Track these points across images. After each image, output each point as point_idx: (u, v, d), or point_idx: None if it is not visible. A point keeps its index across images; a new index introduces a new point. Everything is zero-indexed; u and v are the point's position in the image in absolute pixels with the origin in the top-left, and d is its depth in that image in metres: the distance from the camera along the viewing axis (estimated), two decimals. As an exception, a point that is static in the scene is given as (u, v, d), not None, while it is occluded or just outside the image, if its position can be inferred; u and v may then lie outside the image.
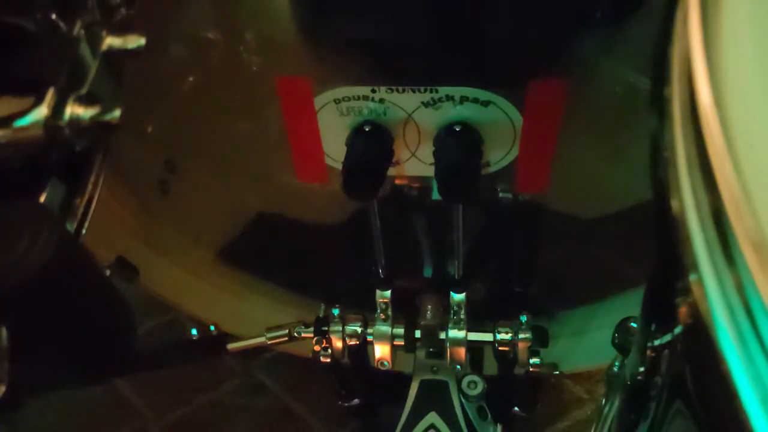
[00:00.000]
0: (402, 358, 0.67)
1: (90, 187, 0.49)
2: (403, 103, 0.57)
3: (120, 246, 0.72)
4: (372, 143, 0.57)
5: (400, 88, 0.56)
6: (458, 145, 0.57)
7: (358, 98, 0.57)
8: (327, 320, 0.66)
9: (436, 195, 0.64)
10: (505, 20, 0.55)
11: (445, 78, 0.56)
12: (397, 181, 0.64)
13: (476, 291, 0.68)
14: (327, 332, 0.65)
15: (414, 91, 0.56)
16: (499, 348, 0.64)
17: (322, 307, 0.66)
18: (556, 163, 0.61)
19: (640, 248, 0.36)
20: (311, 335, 0.66)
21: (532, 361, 0.63)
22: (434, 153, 0.58)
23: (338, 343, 0.65)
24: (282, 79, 0.58)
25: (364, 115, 0.58)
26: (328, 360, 0.66)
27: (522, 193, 0.64)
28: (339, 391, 0.72)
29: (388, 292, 0.65)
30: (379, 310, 0.65)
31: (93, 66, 0.46)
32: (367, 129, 0.57)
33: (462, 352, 0.64)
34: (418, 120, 0.58)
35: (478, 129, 0.57)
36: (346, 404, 0.72)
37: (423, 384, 0.64)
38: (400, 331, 0.65)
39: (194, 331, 0.71)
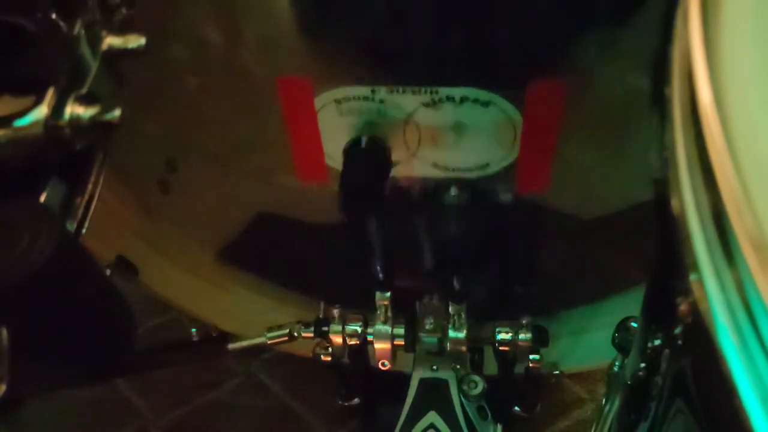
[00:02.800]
0: (402, 357, 0.67)
1: (90, 186, 0.49)
2: (404, 103, 0.57)
3: (120, 246, 0.72)
4: (369, 159, 0.58)
5: (401, 89, 0.56)
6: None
7: (359, 99, 0.57)
8: (327, 320, 0.66)
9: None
10: (505, 21, 0.55)
11: (445, 79, 0.56)
12: (396, 182, 0.64)
13: (477, 291, 0.68)
14: (327, 332, 0.65)
15: (414, 92, 0.56)
16: (499, 348, 0.64)
17: (322, 306, 0.66)
18: (556, 163, 0.61)
19: (640, 248, 0.36)
20: (311, 335, 0.66)
21: (532, 357, 0.63)
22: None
23: (338, 343, 0.65)
24: (282, 79, 0.58)
25: (365, 115, 0.58)
26: (329, 359, 0.66)
27: (522, 193, 0.64)
28: (339, 390, 0.72)
29: (388, 294, 0.64)
30: (378, 312, 0.65)
31: (93, 66, 0.46)
32: (363, 144, 0.57)
33: (462, 351, 0.64)
34: (419, 120, 0.58)
35: (477, 137, 0.58)
36: (346, 404, 0.72)
37: (423, 383, 0.64)
38: (401, 330, 0.65)
39: (194, 330, 0.71)
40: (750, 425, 0.20)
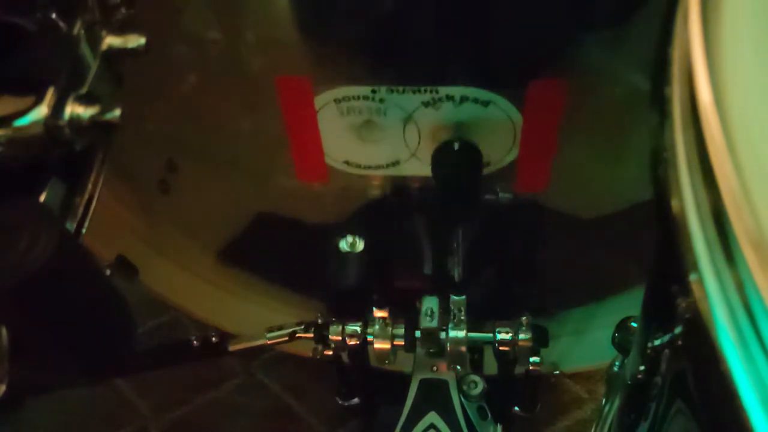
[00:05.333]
0: (402, 357, 0.67)
1: (90, 186, 0.49)
2: (404, 103, 0.57)
3: (120, 246, 0.72)
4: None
5: (401, 88, 0.56)
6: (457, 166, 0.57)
7: (359, 98, 0.57)
8: (327, 325, 0.65)
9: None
10: (505, 20, 0.55)
11: (445, 78, 0.56)
12: (396, 182, 0.64)
13: (476, 291, 0.68)
14: (327, 335, 0.65)
15: (414, 92, 0.56)
16: (499, 348, 0.64)
17: (322, 311, 0.66)
18: (556, 163, 0.61)
19: (640, 248, 0.36)
20: (311, 335, 0.66)
21: (532, 360, 0.63)
22: (432, 170, 0.58)
23: (338, 342, 0.65)
24: (282, 79, 0.58)
25: (365, 115, 0.58)
26: (330, 353, 0.66)
27: (522, 193, 0.64)
28: (339, 390, 0.71)
29: (385, 311, 0.64)
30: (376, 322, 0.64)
31: (93, 66, 0.46)
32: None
33: (462, 351, 0.64)
34: (419, 120, 0.58)
35: (477, 137, 0.57)
36: (346, 404, 0.72)
37: (423, 383, 0.64)
38: (401, 331, 0.65)
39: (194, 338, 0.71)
40: (750, 425, 0.20)
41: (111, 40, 0.47)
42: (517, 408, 0.70)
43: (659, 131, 0.27)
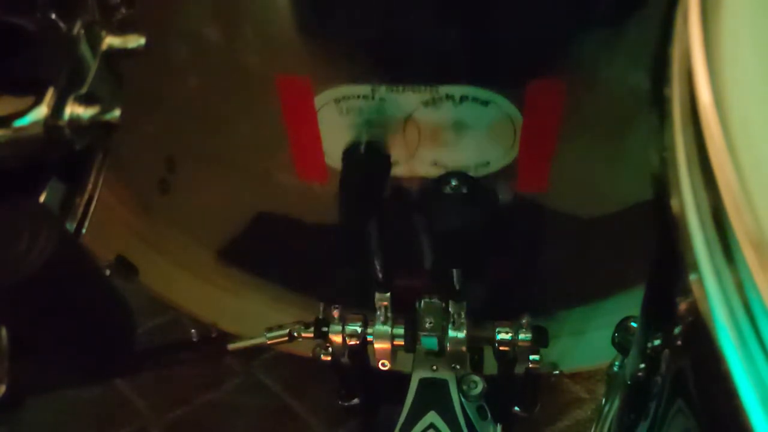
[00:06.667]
0: (402, 357, 0.67)
1: (90, 186, 0.49)
2: (403, 102, 0.57)
3: (120, 246, 0.72)
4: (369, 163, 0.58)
5: (400, 88, 0.56)
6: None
7: (358, 98, 0.57)
8: (327, 321, 0.66)
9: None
10: (505, 19, 0.55)
11: (445, 77, 0.56)
12: (396, 181, 0.64)
13: (476, 291, 0.68)
14: (327, 332, 0.65)
15: (414, 91, 0.56)
16: (499, 348, 0.64)
17: (322, 307, 0.66)
18: (556, 163, 0.61)
19: (640, 248, 0.36)
20: (311, 335, 0.66)
21: (532, 359, 0.63)
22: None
23: (338, 342, 0.65)
24: (282, 78, 0.58)
25: (364, 114, 0.58)
26: (329, 358, 0.66)
27: (522, 192, 0.64)
28: (339, 390, 0.72)
29: (388, 295, 0.64)
30: (378, 313, 0.64)
31: (93, 66, 0.46)
32: (362, 146, 0.57)
33: (462, 351, 0.64)
34: (419, 120, 0.58)
35: (477, 137, 0.57)
36: (346, 404, 0.72)
37: (423, 383, 0.64)
38: (400, 330, 0.65)
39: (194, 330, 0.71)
40: (750, 425, 0.20)
41: (111, 40, 0.47)
42: (517, 408, 0.70)
43: (659, 131, 0.27)
